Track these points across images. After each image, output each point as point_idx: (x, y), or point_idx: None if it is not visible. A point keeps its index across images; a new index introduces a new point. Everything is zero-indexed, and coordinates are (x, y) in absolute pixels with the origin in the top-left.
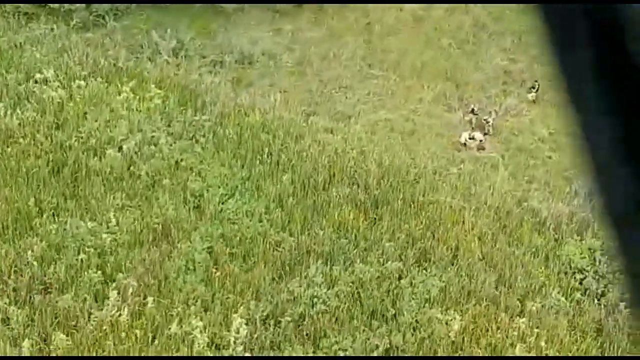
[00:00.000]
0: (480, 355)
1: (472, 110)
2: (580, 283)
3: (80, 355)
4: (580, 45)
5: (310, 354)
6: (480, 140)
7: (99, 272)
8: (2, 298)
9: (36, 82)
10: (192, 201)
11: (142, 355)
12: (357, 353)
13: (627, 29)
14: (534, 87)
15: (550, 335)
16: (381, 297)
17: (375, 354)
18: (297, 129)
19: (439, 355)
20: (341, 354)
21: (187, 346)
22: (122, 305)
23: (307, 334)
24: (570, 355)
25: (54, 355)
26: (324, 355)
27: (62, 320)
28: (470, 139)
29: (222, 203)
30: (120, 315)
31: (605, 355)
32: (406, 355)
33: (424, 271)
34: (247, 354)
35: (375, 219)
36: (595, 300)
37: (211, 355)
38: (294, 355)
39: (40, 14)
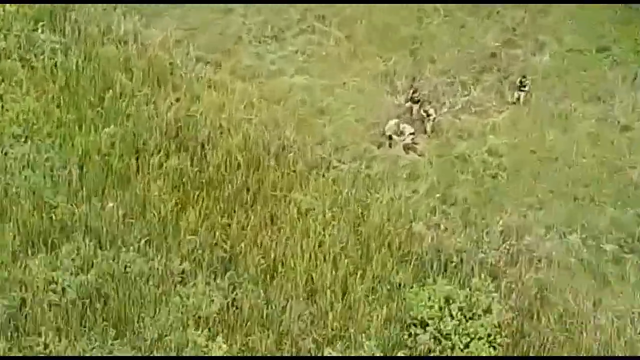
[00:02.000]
0: None
1: (413, 96)
2: (414, 339)
3: None
4: None
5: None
6: (411, 137)
7: None
8: None
9: None
10: None
11: None
12: None
13: None
14: (522, 84)
15: None
16: (141, 303)
17: None
18: (170, 76)
19: None
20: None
21: None
22: None
23: (15, 326)
24: None
25: None
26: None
27: None
28: (396, 134)
29: (11, 146)
30: None
31: None
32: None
33: (210, 283)
34: None
35: (190, 204)
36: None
37: None
38: None
39: None
